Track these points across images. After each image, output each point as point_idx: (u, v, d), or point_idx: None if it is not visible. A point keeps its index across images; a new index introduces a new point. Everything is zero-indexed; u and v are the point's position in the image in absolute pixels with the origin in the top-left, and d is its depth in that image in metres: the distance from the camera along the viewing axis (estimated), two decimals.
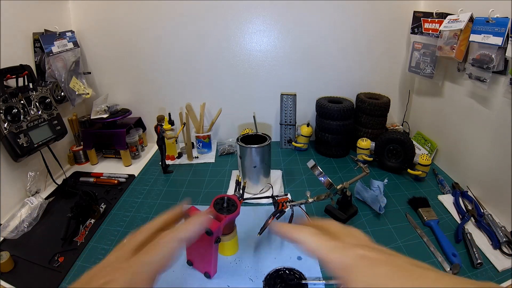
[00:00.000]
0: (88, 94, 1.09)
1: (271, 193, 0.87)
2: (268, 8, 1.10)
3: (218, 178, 1.00)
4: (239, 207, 0.62)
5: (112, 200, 0.89)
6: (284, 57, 1.16)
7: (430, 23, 0.96)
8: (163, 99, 1.23)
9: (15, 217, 0.78)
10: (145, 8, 1.09)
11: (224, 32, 1.12)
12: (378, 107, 1.07)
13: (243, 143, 0.85)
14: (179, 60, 1.16)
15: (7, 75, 0.81)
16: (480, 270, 0.63)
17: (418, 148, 1.10)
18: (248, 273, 0.63)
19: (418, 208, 0.80)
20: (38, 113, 0.87)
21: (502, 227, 0.72)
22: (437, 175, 0.97)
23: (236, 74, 1.19)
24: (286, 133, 1.19)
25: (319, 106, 1.10)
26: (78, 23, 1.11)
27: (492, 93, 0.79)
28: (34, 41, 0.94)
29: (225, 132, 1.28)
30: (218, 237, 0.56)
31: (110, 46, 1.15)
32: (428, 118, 1.12)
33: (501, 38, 0.70)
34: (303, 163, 1.09)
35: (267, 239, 0.72)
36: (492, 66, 0.74)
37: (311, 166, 0.73)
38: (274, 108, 1.22)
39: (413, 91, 1.21)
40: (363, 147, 1.03)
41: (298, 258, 0.66)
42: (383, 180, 0.83)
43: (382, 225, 0.77)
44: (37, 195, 0.88)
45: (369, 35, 1.13)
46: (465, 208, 0.80)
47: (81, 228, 0.77)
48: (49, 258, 0.68)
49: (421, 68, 1.03)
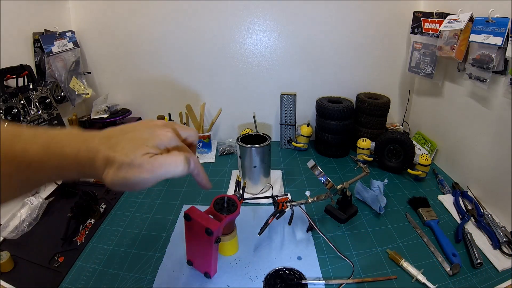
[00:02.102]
0: (88, 94, 1.09)
1: (271, 193, 0.87)
2: (268, 8, 1.10)
3: (218, 178, 1.00)
4: (239, 207, 0.62)
5: (112, 200, 0.89)
6: (284, 57, 1.16)
7: (430, 23, 0.96)
8: (163, 99, 1.23)
9: (15, 217, 0.78)
10: (145, 8, 1.09)
11: (224, 32, 1.12)
12: (378, 107, 1.07)
13: (243, 143, 0.85)
14: (179, 60, 1.16)
15: (7, 75, 0.81)
16: (480, 270, 0.63)
17: (418, 148, 1.10)
18: (248, 273, 0.63)
19: (418, 208, 0.80)
20: (38, 113, 0.87)
21: (502, 227, 0.72)
22: (437, 175, 0.97)
23: (236, 74, 1.19)
24: (286, 133, 1.19)
25: (319, 106, 1.10)
26: (78, 23, 1.11)
27: (492, 93, 0.79)
28: (34, 41, 0.94)
29: (225, 132, 1.28)
30: (218, 237, 0.56)
31: (110, 46, 1.15)
32: (428, 118, 1.12)
33: (501, 38, 0.70)
34: (303, 163, 1.09)
35: (267, 239, 0.72)
36: (492, 66, 0.74)
37: (311, 166, 0.73)
38: (274, 108, 1.22)
39: (413, 91, 1.21)
40: (363, 147, 1.03)
41: (298, 258, 0.66)
42: (383, 180, 0.83)
43: (382, 225, 0.77)
44: (37, 195, 0.87)
45: (369, 35, 1.13)
46: (465, 208, 0.80)
47: (81, 228, 0.77)
48: (49, 258, 0.68)
49: (421, 68, 1.03)
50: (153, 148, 0.34)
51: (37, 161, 0.30)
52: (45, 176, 0.31)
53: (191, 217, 0.56)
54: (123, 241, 0.73)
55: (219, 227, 0.55)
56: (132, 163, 0.32)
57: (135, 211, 0.84)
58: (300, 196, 0.81)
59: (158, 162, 0.33)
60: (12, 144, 0.29)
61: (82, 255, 0.69)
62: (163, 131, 0.37)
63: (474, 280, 0.61)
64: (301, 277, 0.61)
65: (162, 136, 0.36)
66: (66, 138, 0.32)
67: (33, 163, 0.30)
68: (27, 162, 0.29)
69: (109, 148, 0.33)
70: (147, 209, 0.85)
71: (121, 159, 0.32)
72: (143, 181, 0.32)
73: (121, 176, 0.32)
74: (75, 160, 0.32)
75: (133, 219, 0.81)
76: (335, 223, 0.78)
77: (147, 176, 0.32)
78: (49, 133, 0.32)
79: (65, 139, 0.32)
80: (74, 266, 0.66)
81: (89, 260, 0.67)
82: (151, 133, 0.36)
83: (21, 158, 0.29)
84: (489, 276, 0.61)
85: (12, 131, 0.30)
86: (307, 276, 0.61)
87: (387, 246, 0.69)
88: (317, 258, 0.66)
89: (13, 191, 0.30)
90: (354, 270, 0.63)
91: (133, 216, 0.82)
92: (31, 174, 0.30)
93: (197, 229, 0.56)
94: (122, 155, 0.32)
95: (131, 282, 0.61)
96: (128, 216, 0.82)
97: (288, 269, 0.63)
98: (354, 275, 0.62)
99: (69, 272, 0.64)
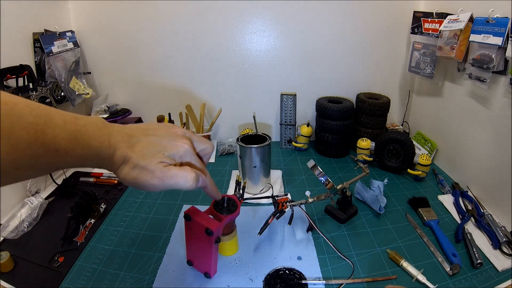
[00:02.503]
0: (88, 94, 1.09)
1: (271, 193, 0.87)
2: (268, 8, 1.10)
3: (218, 178, 1.00)
4: (239, 207, 0.62)
5: (112, 200, 0.89)
6: (284, 57, 1.16)
7: (430, 23, 0.96)
8: (163, 99, 1.23)
9: (15, 217, 0.78)
10: (145, 8, 1.09)
11: (224, 32, 1.12)
12: (378, 107, 1.07)
13: (243, 143, 0.85)
14: (179, 60, 1.16)
15: (7, 75, 0.81)
16: (480, 270, 0.63)
17: (418, 148, 1.10)
18: (248, 273, 0.63)
19: (418, 208, 0.80)
20: None
21: (502, 227, 0.72)
22: (437, 175, 0.97)
23: (236, 74, 1.19)
24: (286, 133, 1.19)
25: (319, 106, 1.10)
26: (78, 23, 1.11)
27: (492, 93, 0.79)
28: (34, 41, 0.94)
29: (225, 132, 1.28)
30: (218, 237, 0.56)
31: (110, 46, 1.15)
32: (428, 118, 1.12)
33: (501, 38, 0.70)
34: (303, 163, 1.09)
35: (267, 239, 0.72)
36: (492, 66, 0.74)
37: (311, 166, 0.73)
38: (274, 108, 1.22)
39: (413, 91, 1.21)
40: (363, 147, 1.03)
41: (298, 258, 0.66)
42: (383, 180, 0.83)
43: (382, 225, 0.77)
44: (37, 195, 0.87)
45: (369, 35, 1.13)
46: (465, 208, 0.80)
47: (81, 228, 0.77)
48: (49, 258, 0.68)
49: (421, 68, 1.03)
50: (168, 158, 0.37)
51: (64, 148, 0.31)
52: (68, 163, 0.33)
53: (191, 217, 0.56)
54: (123, 241, 0.73)
55: (219, 227, 0.55)
56: (146, 167, 0.35)
57: (135, 211, 0.84)
58: (300, 196, 0.81)
59: (170, 173, 0.36)
60: (45, 127, 0.29)
61: (82, 255, 0.69)
62: (181, 141, 0.39)
63: (474, 280, 0.61)
64: (301, 277, 0.61)
65: (179, 147, 0.38)
66: (92, 129, 0.34)
67: (61, 149, 0.31)
68: (55, 147, 0.30)
69: (128, 147, 0.35)
70: (147, 209, 0.85)
71: (136, 161, 0.35)
72: (152, 186, 0.35)
73: (133, 176, 0.35)
74: (97, 153, 0.34)
75: (133, 219, 0.81)
76: (335, 223, 0.78)
77: (156, 182, 0.35)
78: (78, 122, 0.33)
79: (91, 130, 0.33)
80: (74, 266, 0.66)
81: (89, 260, 0.67)
82: (170, 141, 0.38)
83: (50, 143, 0.30)
84: (489, 276, 0.61)
85: (46, 113, 0.30)
86: (307, 276, 0.61)
87: (387, 246, 0.69)
88: (317, 258, 0.66)
89: (36, 172, 0.31)
90: (354, 270, 0.63)
91: (133, 216, 0.82)
92: (56, 159, 0.31)
93: (197, 229, 0.56)
94: (138, 157, 0.35)
95: (131, 282, 0.61)
96: (128, 216, 0.82)
97: (288, 269, 0.63)
98: (354, 275, 0.62)
99: (69, 272, 0.64)
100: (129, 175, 0.35)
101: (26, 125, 0.28)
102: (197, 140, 0.43)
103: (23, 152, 0.28)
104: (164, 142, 0.38)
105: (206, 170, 0.44)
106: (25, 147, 0.28)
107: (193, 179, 0.37)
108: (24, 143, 0.28)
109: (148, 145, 0.36)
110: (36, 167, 0.30)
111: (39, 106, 0.30)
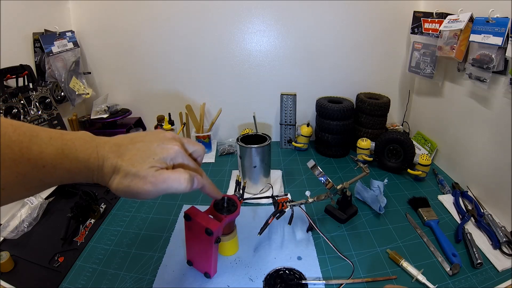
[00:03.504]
0: (88, 94, 1.09)
1: (271, 193, 0.87)
2: (268, 8, 1.10)
3: (218, 178, 1.00)
4: (239, 207, 0.62)
5: (112, 200, 0.88)
6: (284, 57, 1.16)
7: (430, 23, 0.96)
8: (163, 99, 1.23)
9: (15, 217, 0.78)
10: (145, 8, 1.09)
11: (224, 32, 1.12)
12: (378, 107, 1.07)
13: (243, 143, 0.85)
14: (179, 60, 1.16)
15: (7, 75, 0.81)
16: (480, 270, 0.63)
17: (418, 148, 1.10)
18: (248, 273, 0.63)
19: (418, 208, 0.80)
20: (38, 113, 0.87)
21: (502, 227, 0.72)
22: (437, 175, 0.97)
23: (236, 74, 1.19)
24: (286, 133, 1.19)
25: (319, 106, 1.10)
26: (78, 23, 1.11)
27: (492, 93, 0.79)
28: (34, 41, 0.94)
29: (225, 132, 1.28)
30: (218, 237, 0.56)
31: (110, 46, 1.15)
32: (428, 118, 1.12)
33: (501, 38, 0.70)
34: (303, 163, 1.08)
35: (267, 239, 0.72)
36: (492, 66, 0.74)
37: (311, 166, 0.73)
38: (274, 108, 1.22)
39: (413, 91, 1.21)
40: (363, 147, 1.03)
41: (298, 258, 0.66)
42: (383, 180, 0.83)
43: (382, 225, 0.77)
44: (37, 195, 0.87)
45: (369, 35, 1.13)
46: (465, 208, 0.80)
47: (81, 228, 0.77)
48: (49, 258, 0.68)
49: (421, 68, 1.03)
50: (159, 161, 0.36)
51: (51, 163, 0.31)
52: (57, 178, 0.32)
53: (191, 217, 0.56)
54: (123, 241, 0.73)
55: (219, 227, 0.55)
56: (137, 174, 0.34)
57: (135, 211, 0.84)
58: (300, 196, 0.81)
59: (162, 177, 0.35)
60: (30, 144, 0.30)
61: (82, 255, 0.69)
62: (170, 144, 0.38)
63: (474, 280, 0.61)
64: (301, 277, 0.61)
65: (170, 149, 0.38)
66: (79, 143, 0.34)
67: (48, 165, 0.31)
68: (42, 163, 0.30)
69: (117, 157, 0.35)
70: (147, 209, 0.85)
71: (127, 168, 0.34)
72: (145, 192, 0.34)
73: (125, 184, 0.34)
74: (86, 165, 0.33)
75: (133, 219, 0.81)
76: (335, 223, 0.78)
77: (149, 188, 0.34)
78: (64, 136, 0.33)
79: (78, 143, 0.33)
80: (74, 266, 0.66)
81: (89, 260, 0.67)
82: (159, 145, 0.37)
83: (37, 159, 0.30)
84: (489, 276, 0.61)
85: (30, 131, 0.30)
86: (307, 276, 0.61)
87: (387, 246, 0.69)
88: (317, 258, 0.66)
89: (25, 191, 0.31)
90: (354, 270, 0.63)
91: (133, 216, 0.82)
92: (44, 175, 0.31)
93: (197, 229, 0.56)
94: (129, 164, 0.34)
95: (131, 282, 0.61)
96: (128, 216, 0.82)
97: (288, 269, 0.63)
98: (354, 275, 0.62)
99: (69, 272, 0.64)
100: (121, 184, 0.34)
101: (9, 143, 0.28)
102: (187, 142, 0.42)
103: (9, 170, 0.28)
104: (154, 147, 0.37)
105: (202, 170, 0.43)
106: (10, 165, 0.28)
107: (187, 180, 0.36)
108: (9, 161, 0.28)
109: (137, 152, 0.36)
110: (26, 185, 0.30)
111: (23, 124, 0.31)
